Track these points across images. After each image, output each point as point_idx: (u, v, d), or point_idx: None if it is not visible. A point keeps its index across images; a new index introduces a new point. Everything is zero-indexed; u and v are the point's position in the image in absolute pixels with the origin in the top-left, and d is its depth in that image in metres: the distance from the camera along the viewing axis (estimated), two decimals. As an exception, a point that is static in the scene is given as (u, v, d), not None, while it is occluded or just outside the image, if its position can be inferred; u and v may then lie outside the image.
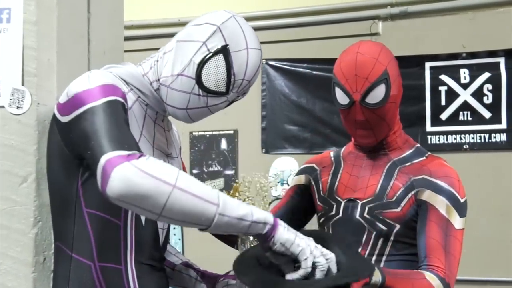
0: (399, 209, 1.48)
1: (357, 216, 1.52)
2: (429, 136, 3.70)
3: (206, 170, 4.08)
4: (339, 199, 1.57)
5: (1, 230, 1.28)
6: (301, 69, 3.94)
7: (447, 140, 3.67)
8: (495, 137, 3.57)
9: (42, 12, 1.32)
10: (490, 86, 3.58)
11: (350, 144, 1.66)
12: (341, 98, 1.52)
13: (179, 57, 1.24)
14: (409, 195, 1.49)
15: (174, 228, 4.00)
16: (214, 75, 1.23)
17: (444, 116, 3.68)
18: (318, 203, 1.64)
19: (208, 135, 4.09)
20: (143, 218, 1.24)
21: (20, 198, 1.28)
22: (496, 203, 3.50)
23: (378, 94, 1.48)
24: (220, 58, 1.23)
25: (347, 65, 1.50)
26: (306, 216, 1.72)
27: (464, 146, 3.64)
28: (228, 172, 4.03)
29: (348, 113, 1.52)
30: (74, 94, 1.15)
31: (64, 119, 1.17)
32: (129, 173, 0.98)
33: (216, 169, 4.07)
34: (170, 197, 0.99)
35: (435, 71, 3.69)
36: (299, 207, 1.70)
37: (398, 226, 1.48)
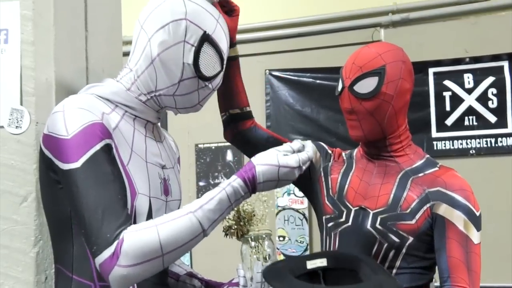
0: (413, 221, 1.44)
1: (368, 226, 1.48)
2: (435, 142, 3.68)
3: (212, 182, 4.09)
4: (349, 205, 1.53)
5: (2, 250, 1.28)
6: (304, 79, 3.94)
7: (453, 145, 3.65)
8: (501, 141, 3.55)
9: (39, 32, 1.32)
10: (494, 90, 3.56)
11: (361, 146, 1.62)
12: (338, 85, 1.53)
13: (169, 66, 1.24)
14: (424, 207, 1.45)
15: (182, 241, 4.00)
16: (210, 62, 1.27)
17: (449, 121, 3.66)
18: (327, 203, 1.59)
19: (213, 147, 4.09)
20: None
21: (21, 218, 1.28)
22: (504, 208, 3.48)
23: (367, 84, 1.45)
24: (207, 46, 1.26)
25: (352, 55, 1.51)
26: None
27: (471, 151, 3.62)
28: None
29: (340, 101, 1.52)
30: (52, 137, 1.15)
31: (47, 153, 1.16)
32: (122, 276, 1.07)
33: (222, 180, 4.06)
34: (164, 262, 1.11)
35: (439, 76, 3.68)
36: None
37: (411, 239, 1.44)
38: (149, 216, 1.24)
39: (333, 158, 1.65)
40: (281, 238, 3.90)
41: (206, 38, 1.25)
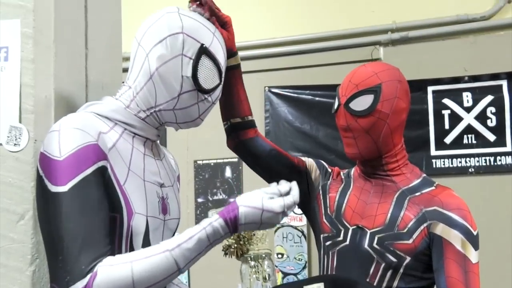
0: (410, 241, 1.44)
1: (366, 246, 1.48)
2: (434, 160, 3.68)
3: (211, 199, 4.08)
4: (346, 224, 1.53)
5: (-1, 268, 1.27)
6: (303, 96, 3.95)
7: (452, 164, 3.65)
8: (500, 160, 3.55)
9: (39, 50, 1.33)
10: (493, 109, 3.57)
11: (358, 165, 1.63)
12: (335, 103, 1.55)
13: (168, 80, 1.25)
14: (421, 227, 1.45)
15: (180, 258, 3.98)
16: (209, 75, 1.28)
17: (448, 140, 3.67)
18: (325, 221, 1.59)
19: (212, 164, 4.09)
20: None
21: (18, 236, 1.27)
22: (503, 226, 3.47)
23: (363, 102, 1.47)
24: (204, 58, 1.27)
25: (349, 74, 1.53)
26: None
27: (470, 170, 3.62)
28: (233, 200, 4.02)
29: (336, 118, 1.53)
30: (45, 156, 1.14)
31: (40, 172, 1.16)
32: None
33: (221, 197, 4.06)
34: None
35: (438, 95, 3.69)
36: (289, 173, 1.61)
37: (408, 259, 1.44)
38: (146, 235, 1.23)
39: (332, 176, 1.66)
40: (280, 256, 3.88)
41: (203, 51, 1.26)
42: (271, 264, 1.58)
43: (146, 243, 1.23)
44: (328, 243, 1.57)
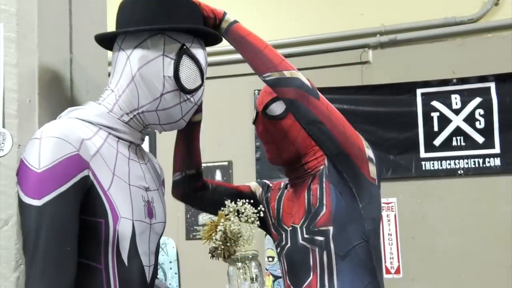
0: (324, 208, 1.48)
1: (300, 241, 1.52)
2: (423, 162, 3.69)
3: (201, 202, 4.07)
4: (285, 227, 1.60)
5: (-18, 274, 1.25)
6: (293, 99, 3.95)
7: (441, 165, 3.66)
8: (489, 162, 3.57)
9: (23, 54, 1.31)
10: (482, 111, 3.59)
11: None
12: (254, 114, 1.64)
13: (150, 80, 1.25)
14: (323, 185, 1.50)
15: (171, 262, 3.96)
16: (190, 75, 1.28)
17: (437, 142, 3.68)
18: (273, 231, 1.67)
19: (202, 167, 4.08)
20: (125, 258, 1.22)
21: (1, 242, 1.25)
22: (492, 228, 3.48)
23: (278, 107, 1.57)
24: (186, 59, 1.27)
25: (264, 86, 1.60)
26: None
27: (459, 172, 3.63)
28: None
29: (256, 128, 1.63)
30: (23, 163, 1.14)
31: (17, 178, 1.16)
32: None
33: (211, 201, 4.06)
34: None
35: (427, 97, 3.70)
36: (236, 196, 1.68)
37: (331, 228, 1.46)
38: (133, 239, 1.23)
39: (272, 187, 1.74)
40: (270, 259, 3.87)
41: (184, 51, 1.26)
42: (258, 265, 1.58)
43: (133, 247, 1.23)
44: (278, 249, 1.63)
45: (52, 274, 1.07)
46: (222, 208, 1.54)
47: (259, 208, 1.54)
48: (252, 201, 1.61)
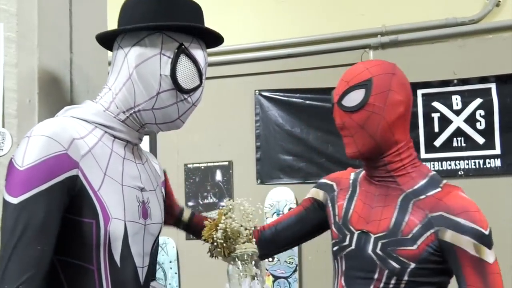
0: (414, 247, 1.40)
1: (369, 251, 1.45)
2: (423, 163, 3.68)
3: (201, 202, 4.07)
4: (352, 229, 1.52)
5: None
6: (294, 99, 3.95)
7: (441, 166, 3.66)
8: (489, 163, 3.56)
9: (23, 54, 1.32)
10: (482, 112, 3.59)
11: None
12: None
13: (147, 79, 1.24)
14: (427, 233, 1.40)
15: (171, 262, 3.97)
16: (188, 74, 1.26)
17: (438, 142, 3.68)
18: (333, 229, 1.59)
19: (203, 167, 4.08)
20: (117, 259, 1.21)
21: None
22: (492, 229, 3.47)
23: (354, 97, 1.46)
24: (183, 58, 1.26)
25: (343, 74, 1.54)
26: (314, 232, 1.72)
27: (459, 173, 3.63)
28: (223, 203, 4.02)
29: (334, 119, 1.53)
30: (11, 161, 1.13)
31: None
32: None
33: (211, 200, 4.05)
34: None
35: (427, 98, 3.70)
36: (309, 222, 1.69)
37: (412, 265, 1.40)
38: (125, 240, 1.22)
39: (337, 186, 1.66)
40: (270, 259, 3.87)
41: (182, 50, 1.26)
42: (258, 262, 1.57)
43: (126, 248, 1.23)
44: (335, 248, 1.57)
45: (15, 275, 1.06)
46: (220, 207, 1.53)
47: (257, 205, 1.54)
48: (317, 206, 1.65)
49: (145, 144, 2.20)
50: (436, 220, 1.40)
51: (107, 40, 1.35)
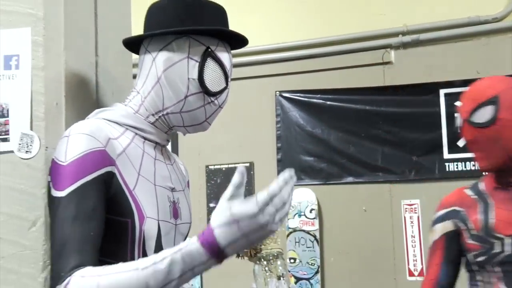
0: None
1: None
2: (447, 164, 3.66)
3: (223, 204, 4.08)
4: (500, 236, 1.56)
5: (11, 274, 1.27)
6: (315, 100, 3.95)
7: (465, 167, 3.62)
8: (514, 163, 3.51)
9: (49, 57, 1.33)
10: (506, 111, 3.54)
11: (489, 179, 1.67)
12: (457, 121, 1.66)
13: (175, 82, 1.26)
14: None
15: (192, 263, 3.98)
16: (215, 77, 1.28)
17: (461, 143, 3.62)
18: (471, 242, 1.63)
19: (224, 168, 4.09)
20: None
21: (29, 242, 1.28)
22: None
23: (483, 113, 1.55)
24: (210, 61, 1.28)
25: (465, 92, 1.64)
26: (461, 259, 1.74)
27: (483, 173, 3.58)
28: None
29: (462, 134, 1.62)
30: (54, 161, 1.18)
31: (49, 178, 1.19)
32: None
33: (233, 202, 4.06)
34: None
35: (450, 97, 3.66)
36: (455, 254, 1.71)
37: None
38: (159, 239, 1.24)
39: (461, 207, 1.70)
40: (292, 260, 3.86)
41: (209, 54, 1.27)
42: (283, 263, 1.58)
43: (158, 247, 1.24)
44: (481, 258, 1.60)
45: (71, 260, 1.09)
46: None
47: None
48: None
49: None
50: None
51: (133, 44, 1.37)
